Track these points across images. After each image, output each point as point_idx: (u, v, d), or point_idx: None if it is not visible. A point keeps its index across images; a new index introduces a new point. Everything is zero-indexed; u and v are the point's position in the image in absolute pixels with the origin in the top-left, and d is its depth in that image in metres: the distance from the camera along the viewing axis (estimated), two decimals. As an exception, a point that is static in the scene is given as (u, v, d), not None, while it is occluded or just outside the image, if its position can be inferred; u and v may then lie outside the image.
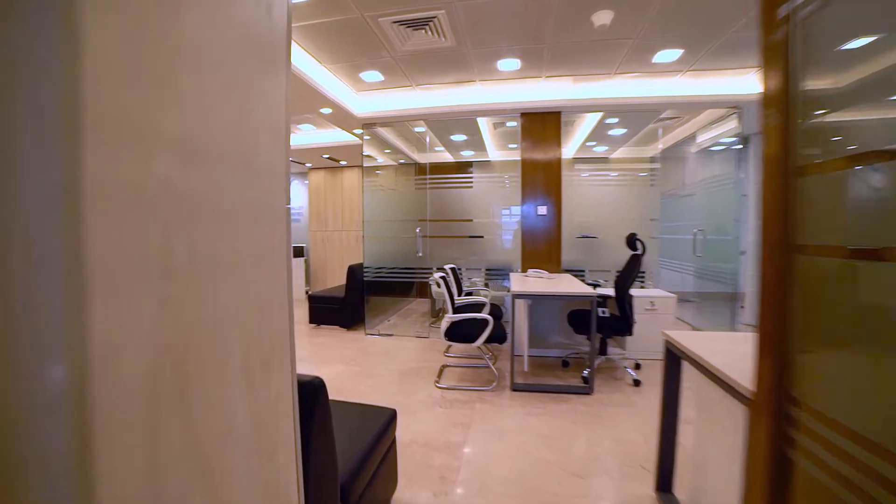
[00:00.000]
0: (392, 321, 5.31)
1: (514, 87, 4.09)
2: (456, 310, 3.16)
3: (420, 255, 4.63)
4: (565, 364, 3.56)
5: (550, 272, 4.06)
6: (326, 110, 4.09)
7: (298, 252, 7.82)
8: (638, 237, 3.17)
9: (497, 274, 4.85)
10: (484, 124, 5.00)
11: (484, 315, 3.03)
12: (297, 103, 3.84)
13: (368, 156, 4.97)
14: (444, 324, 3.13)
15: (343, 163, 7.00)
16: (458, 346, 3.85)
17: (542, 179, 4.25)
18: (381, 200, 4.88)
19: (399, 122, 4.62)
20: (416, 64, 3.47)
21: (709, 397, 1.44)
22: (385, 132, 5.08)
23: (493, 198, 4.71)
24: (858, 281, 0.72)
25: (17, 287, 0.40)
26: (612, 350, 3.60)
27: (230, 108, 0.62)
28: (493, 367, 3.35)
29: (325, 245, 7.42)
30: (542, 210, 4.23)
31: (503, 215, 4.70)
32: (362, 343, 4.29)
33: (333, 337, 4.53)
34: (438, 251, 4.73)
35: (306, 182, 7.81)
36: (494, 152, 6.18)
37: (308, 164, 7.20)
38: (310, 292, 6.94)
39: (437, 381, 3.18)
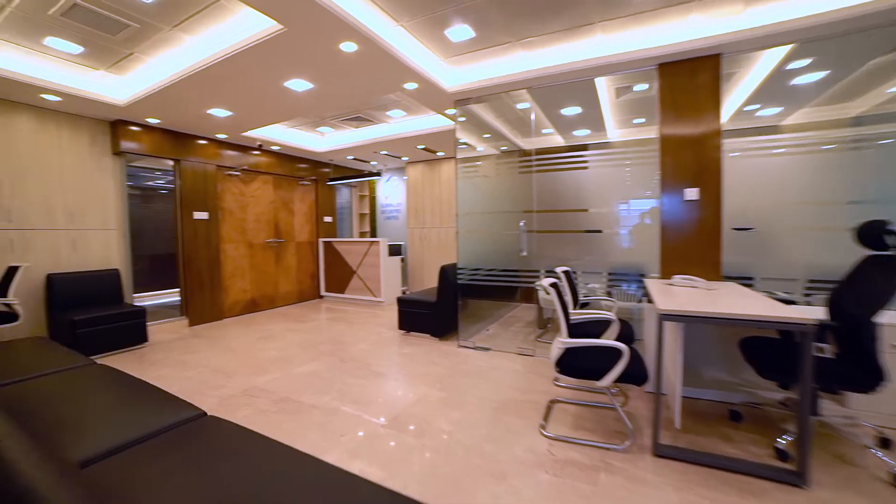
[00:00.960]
0: (491, 331, 4.60)
1: (648, 29, 3.01)
2: (572, 330, 2.30)
3: (524, 254, 3.82)
4: (735, 417, 2.42)
5: (707, 279, 2.90)
6: (411, 85, 3.56)
7: (396, 250, 7.63)
8: (892, 227, 1.88)
9: (621, 278, 3.77)
10: (603, 91, 3.95)
11: (614, 343, 2.12)
12: (375, 78, 3.38)
13: (465, 144, 4.32)
14: (556, 349, 2.30)
15: (440, 154, 6.52)
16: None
17: (690, 154, 3.08)
18: (477, 189, 4.20)
19: (497, 96, 3.87)
20: (515, 7, 2.69)
21: None
22: (482, 111, 4.38)
23: (614, 184, 3.65)
24: None
25: None
26: (829, 407, 2.32)
27: None
28: (622, 414, 2.40)
29: (422, 243, 7.05)
30: (691, 194, 3.07)
31: (629, 204, 3.61)
32: (454, 357, 3.67)
33: (423, 347, 4.01)
34: (546, 249, 3.85)
35: (404, 178, 7.56)
36: (614, 131, 5.02)
37: (405, 158, 6.91)
38: (406, 292, 6.72)
39: (544, 426, 2.36)
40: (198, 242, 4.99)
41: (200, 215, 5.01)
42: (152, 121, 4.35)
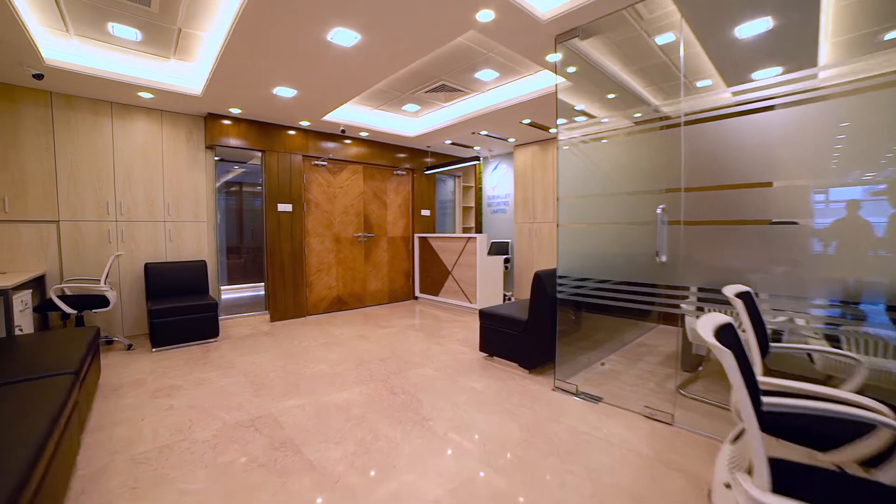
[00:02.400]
0: (606, 366, 3.21)
1: None
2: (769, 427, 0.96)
3: (663, 259, 2.36)
4: None
5: None
6: (486, 15, 2.47)
7: (501, 249, 6.55)
8: None
9: (855, 311, 1.98)
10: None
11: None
12: (434, 12, 2.40)
13: (579, 112, 3.04)
14: (747, 421, 0.99)
15: (553, 130, 5.20)
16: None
17: None
18: (588, 160, 2.87)
19: (624, 23, 2.49)
20: None
21: None
22: (600, 53, 3.01)
23: (826, 139, 1.91)
24: None
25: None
26: None
27: None
28: None
29: (531, 240, 5.84)
30: None
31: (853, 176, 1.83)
32: (543, 407, 2.48)
33: (503, 382, 2.90)
34: (702, 251, 2.32)
35: (513, 165, 6.43)
36: (834, 67, 2.98)
37: (511, 139, 5.78)
38: (511, 298, 5.60)
39: None
40: (281, 235, 4.82)
41: (284, 207, 4.83)
42: (235, 111, 4.23)
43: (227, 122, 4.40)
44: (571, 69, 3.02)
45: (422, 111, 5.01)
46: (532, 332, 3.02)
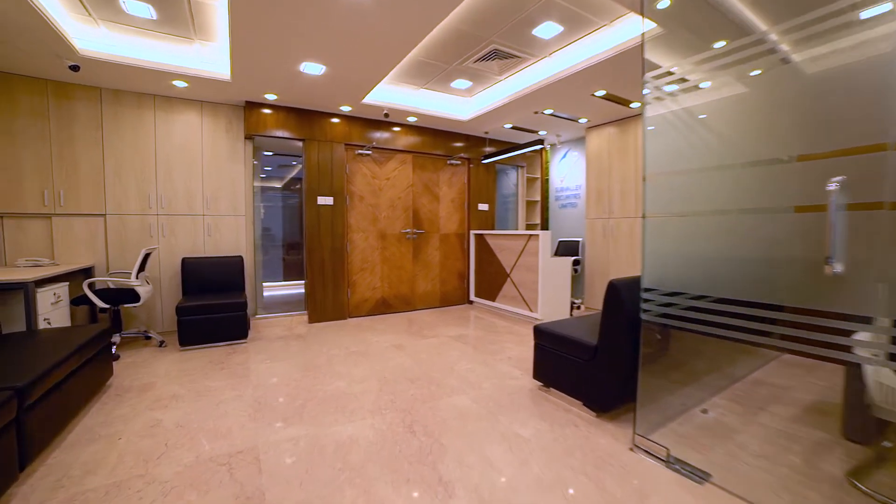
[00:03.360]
0: (711, 414, 2.28)
1: None
2: None
3: (837, 270, 1.40)
4: None
5: None
6: None
7: (570, 248, 5.63)
8: None
9: None
10: None
11: None
12: None
13: (665, 73, 2.18)
14: None
15: (635, 105, 4.21)
16: None
17: None
18: (685, 128, 1.98)
19: None
20: None
21: None
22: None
23: None
24: None
25: None
26: None
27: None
28: None
29: (605, 239, 4.88)
30: None
31: None
32: (620, 479, 1.69)
33: (560, 429, 2.14)
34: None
35: (585, 151, 5.47)
36: None
37: (583, 120, 4.85)
38: (580, 307, 4.60)
39: None
40: (321, 231, 4.48)
41: (325, 200, 4.48)
42: (270, 97, 3.95)
43: (265, 110, 4.16)
44: (663, 3, 2.17)
45: (475, 88, 4.34)
46: (603, 362, 2.20)
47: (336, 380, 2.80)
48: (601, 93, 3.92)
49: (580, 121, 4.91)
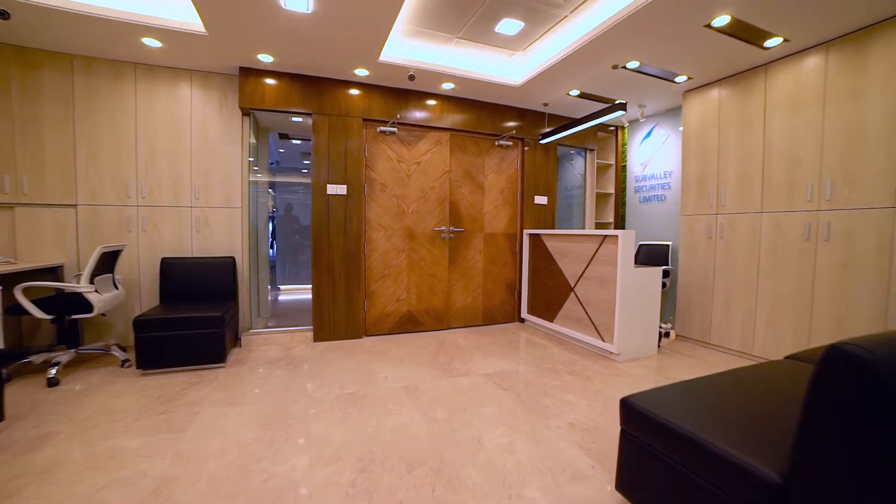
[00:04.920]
0: None
1: None
2: None
3: None
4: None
5: None
6: None
7: (657, 255, 4.26)
8: None
9: None
10: None
11: None
12: None
13: None
14: None
15: (774, 42, 2.80)
16: None
17: None
18: None
19: None
20: None
21: None
22: None
23: None
24: None
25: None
26: None
27: None
28: None
29: (712, 242, 3.48)
30: None
31: None
32: None
33: None
34: None
35: (679, 129, 4.07)
36: None
37: (681, 79, 3.49)
38: (670, 334, 3.16)
39: None
40: (331, 227, 3.60)
41: (336, 189, 3.59)
42: (265, 57, 3.12)
43: (266, 80, 3.36)
44: None
45: (529, 34, 3.18)
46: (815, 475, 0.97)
47: (297, 454, 1.82)
48: (722, 20, 2.59)
49: (677, 80, 3.54)
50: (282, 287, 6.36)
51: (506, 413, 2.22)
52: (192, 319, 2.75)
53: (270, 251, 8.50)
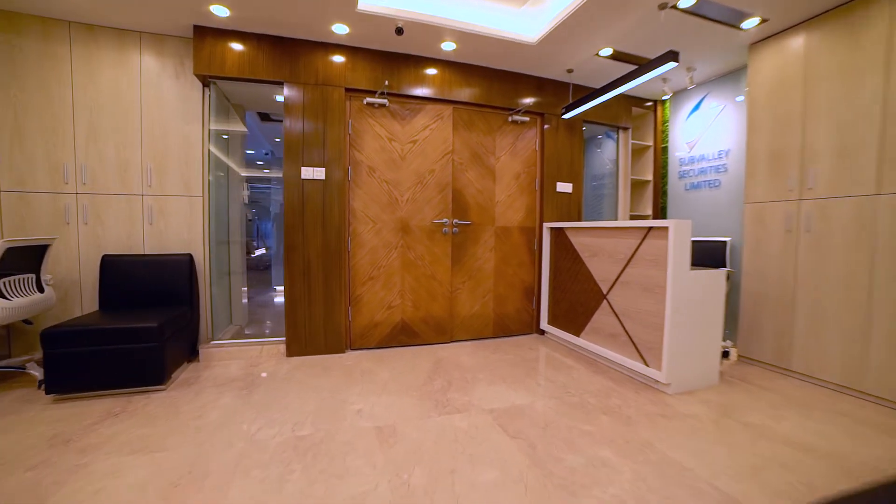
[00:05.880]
0: None
1: None
2: None
3: None
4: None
5: None
6: None
7: (711, 254, 3.46)
8: None
9: None
10: None
11: None
12: None
13: None
14: None
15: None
16: None
17: None
18: None
19: None
20: None
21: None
22: None
23: None
24: None
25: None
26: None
27: None
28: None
29: (791, 237, 2.67)
30: None
31: None
32: None
33: None
34: None
35: (736, 99, 3.27)
36: None
37: (751, 22, 2.68)
38: (730, 354, 2.34)
39: None
40: (306, 219, 2.99)
41: (313, 173, 2.98)
42: (220, 10, 2.53)
43: (224, 40, 2.79)
44: None
45: (549, -31, 2.47)
46: None
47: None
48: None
49: (744, 25, 2.74)
50: (277, 288, 5.85)
51: (512, 482, 1.53)
52: (120, 332, 2.19)
53: (263, 251, 8.05)
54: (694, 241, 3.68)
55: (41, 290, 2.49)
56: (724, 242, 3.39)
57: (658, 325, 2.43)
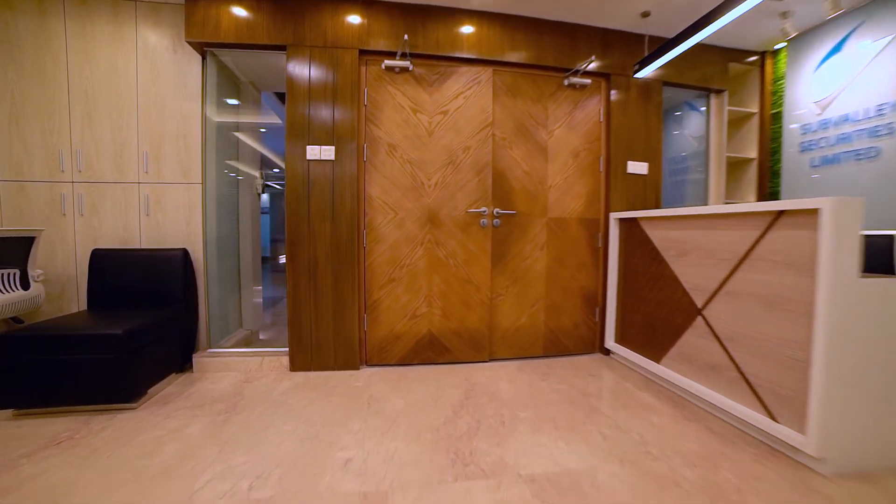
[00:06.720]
0: None
1: None
2: None
3: None
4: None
5: None
6: None
7: (881, 252, 2.41)
8: None
9: None
10: None
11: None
12: None
13: None
14: None
15: None
16: None
17: None
18: None
19: None
20: None
21: None
22: None
23: None
24: None
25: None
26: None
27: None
28: None
29: None
30: None
31: None
32: None
33: None
34: None
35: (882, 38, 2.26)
36: None
37: None
38: None
39: None
40: (312, 208, 2.51)
41: (320, 153, 2.49)
42: (208, -47, 2.14)
43: (226, 4, 2.40)
44: None
45: None
46: None
47: None
48: None
49: None
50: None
51: None
52: (81, 339, 1.85)
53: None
54: (869, 236, 2.67)
55: (27, 286, 2.25)
56: (892, 237, 2.37)
57: (797, 361, 1.59)
